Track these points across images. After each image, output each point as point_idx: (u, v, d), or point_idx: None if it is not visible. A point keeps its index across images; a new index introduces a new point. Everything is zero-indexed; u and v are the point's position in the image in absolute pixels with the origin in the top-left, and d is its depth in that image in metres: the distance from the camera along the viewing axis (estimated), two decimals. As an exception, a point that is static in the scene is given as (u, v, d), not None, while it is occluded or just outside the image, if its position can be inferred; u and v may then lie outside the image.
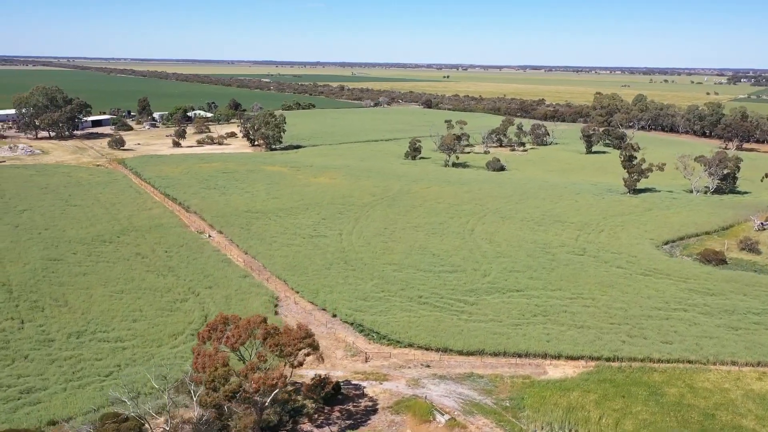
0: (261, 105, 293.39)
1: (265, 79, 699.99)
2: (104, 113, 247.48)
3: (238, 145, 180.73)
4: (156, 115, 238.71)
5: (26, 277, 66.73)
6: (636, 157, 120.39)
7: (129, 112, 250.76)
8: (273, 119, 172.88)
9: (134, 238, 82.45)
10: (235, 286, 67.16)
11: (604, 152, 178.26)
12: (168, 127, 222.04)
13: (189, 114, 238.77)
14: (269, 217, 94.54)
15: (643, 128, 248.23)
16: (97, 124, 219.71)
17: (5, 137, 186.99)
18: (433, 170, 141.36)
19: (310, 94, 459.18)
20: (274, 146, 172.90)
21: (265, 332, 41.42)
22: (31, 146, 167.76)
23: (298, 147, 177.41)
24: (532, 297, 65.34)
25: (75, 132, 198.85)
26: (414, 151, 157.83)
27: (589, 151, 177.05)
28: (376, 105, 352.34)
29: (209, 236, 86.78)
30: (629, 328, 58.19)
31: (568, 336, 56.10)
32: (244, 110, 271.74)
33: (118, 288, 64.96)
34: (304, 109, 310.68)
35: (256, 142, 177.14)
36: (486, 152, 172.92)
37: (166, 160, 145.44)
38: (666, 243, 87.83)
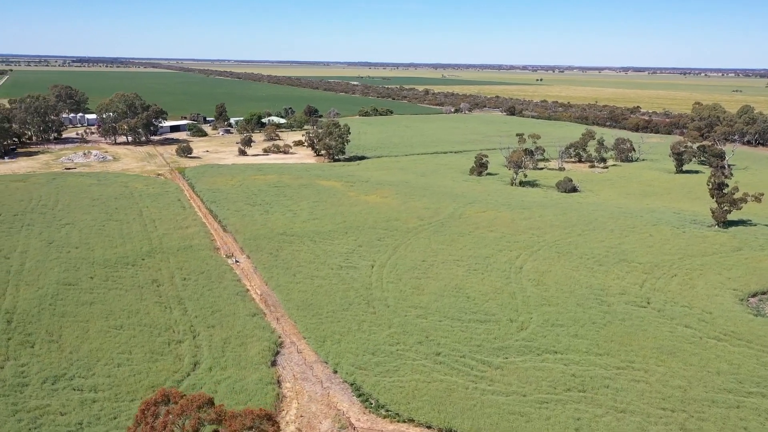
0: (337, 111, 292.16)
1: (353, 82, 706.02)
2: (185, 117, 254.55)
3: (303, 155, 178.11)
4: (232, 120, 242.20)
5: (33, 304, 64.72)
6: (727, 185, 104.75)
7: (205, 118, 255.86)
8: (337, 129, 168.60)
9: (158, 262, 79.48)
10: (239, 326, 61.85)
11: (696, 172, 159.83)
12: (241, 133, 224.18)
13: (263, 120, 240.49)
14: (303, 242, 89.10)
15: (748, 143, 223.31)
16: (175, 129, 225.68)
17: (88, 141, 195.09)
18: (496, 190, 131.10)
19: (393, 99, 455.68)
20: (337, 157, 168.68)
21: (210, 418, 35.16)
22: (106, 152, 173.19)
23: (361, 158, 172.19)
24: (570, 363, 55.31)
25: (152, 137, 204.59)
26: (480, 167, 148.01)
27: (679, 171, 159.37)
28: (456, 111, 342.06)
29: (236, 261, 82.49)
30: (685, 417, 47.17)
31: (604, 424, 46.04)
32: (320, 116, 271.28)
33: (118, 322, 61.40)
34: (381, 115, 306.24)
35: (320, 152, 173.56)
36: (561, 169, 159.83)
37: (224, 171, 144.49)
38: (754, 295, 73.93)
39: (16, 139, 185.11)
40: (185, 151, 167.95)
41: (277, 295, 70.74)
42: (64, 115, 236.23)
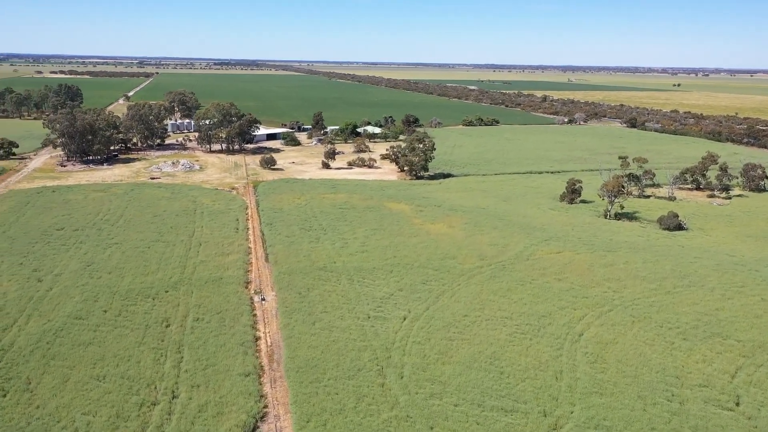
0: (439, 120, 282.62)
1: (471, 87, 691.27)
2: (284, 125, 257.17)
3: (387, 170, 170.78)
4: (329, 129, 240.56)
5: (32, 340, 62.17)
6: None
7: (300, 126, 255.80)
8: (420, 145, 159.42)
9: (180, 295, 75.14)
10: (226, 388, 54.99)
11: None
12: (335, 143, 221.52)
13: (359, 129, 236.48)
14: (340, 280, 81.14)
15: None
16: (271, 137, 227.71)
17: (186, 149, 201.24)
18: (583, 223, 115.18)
19: (507, 106, 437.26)
20: (420, 174, 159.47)
21: None
22: (196, 160, 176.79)
23: (446, 176, 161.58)
24: (604, 492, 42.48)
25: (247, 146, 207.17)
26: (571, 194, 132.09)
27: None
28: (569, 122, 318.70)
29: (262, 299, 76.30)
30: None
31: None
32: (420, 125, 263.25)
33: (104, 371, 56.91)
34: (485, 125, 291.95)
35: (403, 168, 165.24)
36: (671, 198, 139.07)
37: (297, 187, 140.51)
38: None
39: (122, 145, 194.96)
40: (268, 162, 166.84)
41: (285, 348, 63.28)
42: (173, 122, 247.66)
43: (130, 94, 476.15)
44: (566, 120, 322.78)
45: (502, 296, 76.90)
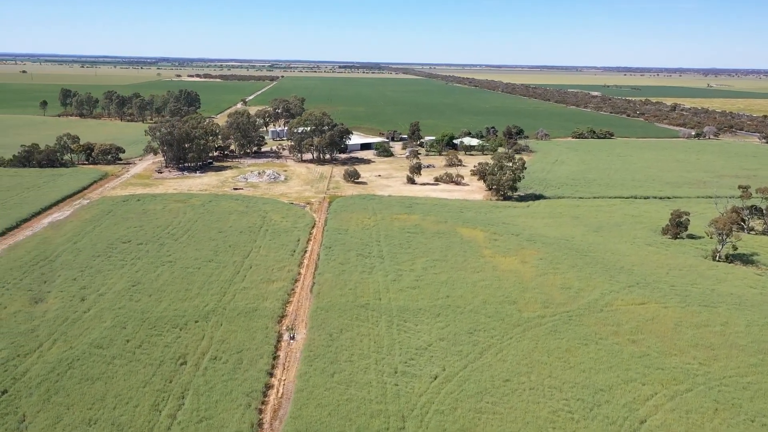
0: (546, 132, 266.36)
1: (593, 93, 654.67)
2: (382, 134, 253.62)
3: (474, 188, 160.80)
4: (426, 139, 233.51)
5: (44, 370, 61.19)
6: None
7: (392, 136, 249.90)
8: (509, 162, 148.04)
9: (206, 328, 71.87)
10: (213, 449, 50.14)
11: None
12: (429, 155, 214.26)
13: (455, 141, 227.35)
14: (378, 322, 74.10)
15: None
16: (365, 147, 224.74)
17: (280, 157, 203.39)
18: (682, 265, 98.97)
19: (628, 115, 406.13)
20: (507, 194, 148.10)
21: None
22: (285, 170, 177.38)
23: (538, 197, 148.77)
24: None
25: (339, 155, 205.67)
26: (676, 227, 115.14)
27: None
28: (696, 136, 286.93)
29: (291, 338, 71.21)
30: None
31: None
32: (525, 137, 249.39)
33: (97, 414, 54.20)
34: (598, 138, 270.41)
35: (491, 187, 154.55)
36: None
37: (372, 205, 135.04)
38: None
39: (220, 152, 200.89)
40: (351, 175, 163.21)
41: (292, 404, 57.43)
42: (273, 129, 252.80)
43: (249, 98, 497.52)
44: (693, 133, 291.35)
45: (558, 358, 66.00)
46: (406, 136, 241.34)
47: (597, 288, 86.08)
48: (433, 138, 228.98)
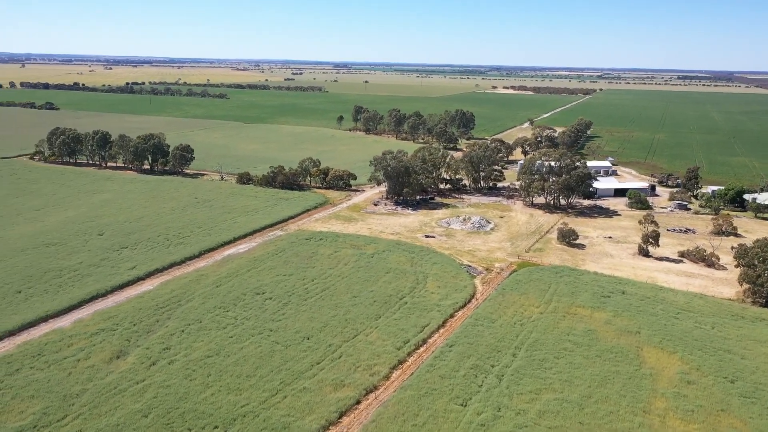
0: None
1: None
2: (653, 176, 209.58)
3: (732, 276, 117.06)
4: (709, 190, 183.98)
5: (31, 456, 59.04)
6: None
7: (663, 181, 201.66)
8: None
9: (217, 441, 61.95)
10: None
11: None
12: (699, 213, 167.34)
13: (746, 197, 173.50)
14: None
15: None
16: (620, 193, 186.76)
17: (511, 197, 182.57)
18: None
19: None
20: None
21: None
22: (500, 217, 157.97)
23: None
24: None
25: (582, 201, 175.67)
26: None
27: None
28: None
29: (290, 486, 56.59)
30: None
31: None
32: None
33: None
34: None
35: (753, 282, 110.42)
36: None
37: (557, 285, 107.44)
38: None
39: (450, 186, 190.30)
40: (566, 235, 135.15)
41: None
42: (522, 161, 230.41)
43: (545, 116, 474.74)
44: None
45: None
46: (680, 182, 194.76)
47: None
48: (716, 188, 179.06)
